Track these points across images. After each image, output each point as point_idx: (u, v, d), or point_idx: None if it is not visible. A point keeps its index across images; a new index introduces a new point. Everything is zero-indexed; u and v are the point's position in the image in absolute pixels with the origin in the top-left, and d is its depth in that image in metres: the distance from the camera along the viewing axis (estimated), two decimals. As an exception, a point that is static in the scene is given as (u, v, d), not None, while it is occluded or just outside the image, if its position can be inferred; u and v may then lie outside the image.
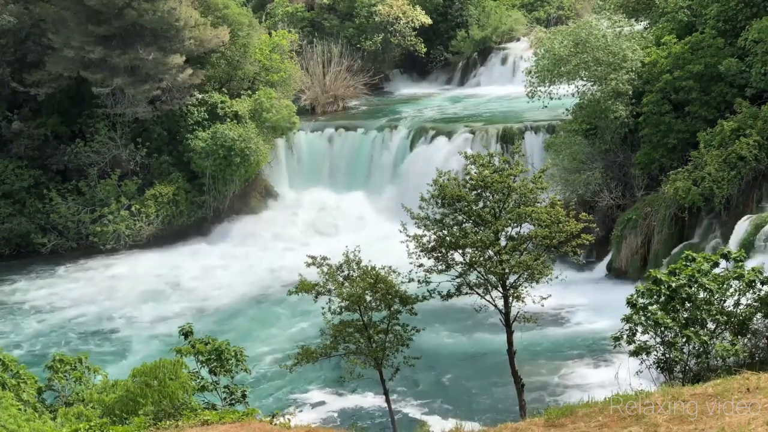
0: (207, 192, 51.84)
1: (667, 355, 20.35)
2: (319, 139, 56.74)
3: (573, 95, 43.52)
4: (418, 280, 23.81)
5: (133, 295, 44.35)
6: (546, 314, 34.11)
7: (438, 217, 23.89)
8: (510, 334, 23.97)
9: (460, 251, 23.65)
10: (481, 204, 23.66)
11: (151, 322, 40.77)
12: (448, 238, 23.59)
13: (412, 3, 69.53)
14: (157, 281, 45.91)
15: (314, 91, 62.64)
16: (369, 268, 23.87)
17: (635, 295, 20.99)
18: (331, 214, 52.74)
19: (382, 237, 42.66)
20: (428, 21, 69.30)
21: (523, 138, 48.80)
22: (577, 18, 61.27)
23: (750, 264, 23.37)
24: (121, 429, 18.13)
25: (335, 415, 30.40)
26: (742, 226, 34.27)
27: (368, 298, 23.40)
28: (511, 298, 23.57)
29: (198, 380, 22.29)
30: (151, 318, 41.30)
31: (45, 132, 51.60)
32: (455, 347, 35.42)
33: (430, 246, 23.76)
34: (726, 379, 16.21)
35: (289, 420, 19.86)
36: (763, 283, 20.57)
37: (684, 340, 20.04)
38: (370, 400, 30.78)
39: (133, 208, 49.80)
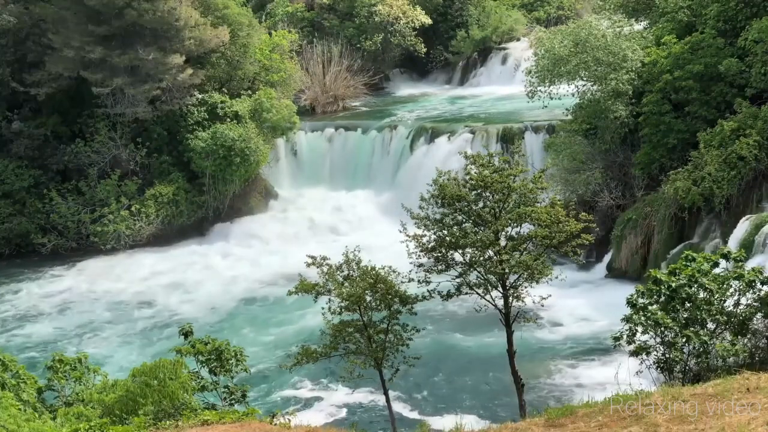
0: (207, 192, 51.84)
1: (667, 355, 20.35)
2: (319, 139, 56.79)
3: (573, 95, 43.52)
4: (418, 280, 23.80)
5: (132, 295, 44.39)
6: (546, 314, 34.14)
7: (438, 217, 23.86)
8: (510, 334, 23.95)
9: (460, 251, 23.63)
10: (481, 204, 23.63)
11: (151, 321, 40.81)
12: (448, 238, 23.57)
13: (412, 3, 69.57)
14: (156, 281, 45.91)
15: (314, 91, 62.68)
16: (369, 268, 23.83)
17: (635, 295, 20.99)
18: (331, 214, 52.75)
19: (381, 237, 42.67)
20: (428, 21, 69.34)
21: (523, 138, 48.81)
22: (577, 18, 61.27)
23: (750, 264, 23.40)
24: (121, 429, 18.14)
25: (335, 414, 30.40)
26: (742, 226, 34.26)
27: (368, 298, 23.38)
28: (511, 298, 23.56)
29: (198, 380, 22.30)
30: (150, 316, 41.33)
31: (45, 132, 51.59)
32: (455, 347, 35.41)
33: (429, 246, 23.74)
34: (726, 379, 16.23)
35: (289, 420, 19.87)
36: (763, 283, 20.57)
37: (684, 340, 20.05)
38: (370, 400, 30.77)
39: (133, 208, 49.80)
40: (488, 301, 23.71)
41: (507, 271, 23.14)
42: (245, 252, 49.09)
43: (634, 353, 20.67)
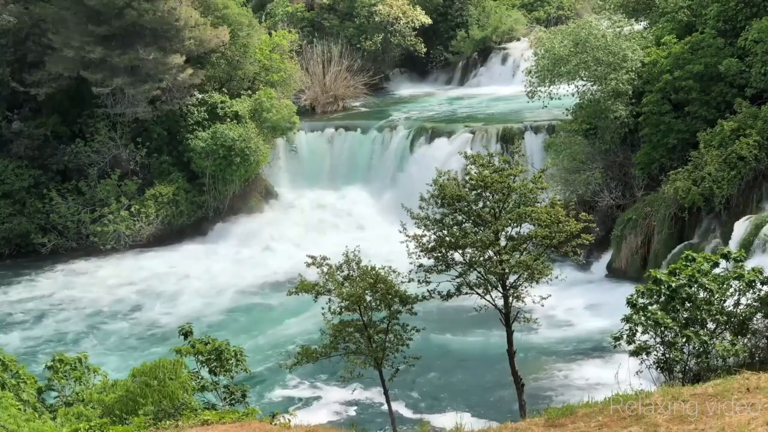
0: (207, 192, 51.84)
1: (667, 355, 20.36)
2: (319, 139, 56.78)
3: (573, 95, 43.52)
4: (418, 280, 23.80)
5: (131, 294, 44.44)
6: (546, 314, 34.10)
7: (438, 217, 23.85)
8: (510, 334, 23.94)
9: (460, 251, 23.63)
10: (481, 204, 23.62)
11: (155, 320, 40.88)
12: (447, 238, 23.56)
13: (412, 3, 69.55)
14: (156, 281, 45.95)
15: (314, 91, 62.67)
16: (369, 268, 23.82)
17: (635, 295, 21.00)
18: (331, 214, 52.75)
19: (382, 237, 42.67)
20: (428, 21, 69.32)
21: (523, 138, 48.80)
22: (577, 18, 61.26)
23: (750, 264, 23.38)
24: (121, 429, 18.13)
25: (335, 414, 30.40)
26: (742, 226, 34.27)
27: (368, 298, 23.38)
28: (511, 298, 23.55)
29: (198, 380, 22.29)
30: (155, 315, 41.43)
31: (45, 132, 51.58)
32: (455, 347, 35.41)
33: (429, 246, 23.73)
34: (726, 379, 16.23)
35: (289, 420, 19.87)
36: (763, 283, 20.58)
37: (684, 340, 20.05)
38: (370, 400, 30.78)
39: (133, 208, 49.80)
40: (488, 301, 23.70)
41: (507, 271, 23.13)
42: (245, 252, 49.09)
43: (634, 353, 20.68)
